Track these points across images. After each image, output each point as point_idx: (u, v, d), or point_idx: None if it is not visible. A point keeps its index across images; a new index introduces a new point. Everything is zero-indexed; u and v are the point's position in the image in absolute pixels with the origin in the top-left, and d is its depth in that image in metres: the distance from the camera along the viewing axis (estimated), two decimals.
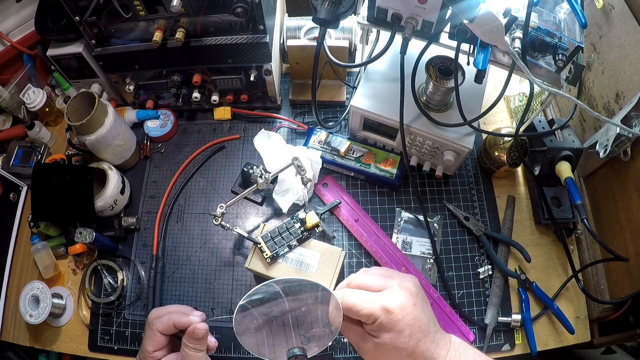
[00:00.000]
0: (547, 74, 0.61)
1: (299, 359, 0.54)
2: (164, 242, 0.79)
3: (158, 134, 0.87)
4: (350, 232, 0.78)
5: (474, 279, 0.75)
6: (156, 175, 0.86)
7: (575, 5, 0.57)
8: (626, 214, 0.68)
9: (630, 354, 0.77)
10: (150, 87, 0.85)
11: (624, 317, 0.67)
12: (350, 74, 0.94)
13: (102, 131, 0.74)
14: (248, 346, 0.58)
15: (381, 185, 0.82)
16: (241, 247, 0.79)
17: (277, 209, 0.79)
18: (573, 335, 0.72)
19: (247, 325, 0.57)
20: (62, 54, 0.79)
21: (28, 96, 0.84)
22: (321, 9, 0.60)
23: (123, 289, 0.76)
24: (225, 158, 0.87)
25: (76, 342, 0.74)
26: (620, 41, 0.66)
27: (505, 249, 0.77)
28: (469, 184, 0.83)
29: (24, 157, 0.85)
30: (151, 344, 0.55)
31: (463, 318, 0.72)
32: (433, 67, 0.67)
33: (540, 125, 0.73)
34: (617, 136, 0.64)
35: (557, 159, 0.71)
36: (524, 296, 0.72)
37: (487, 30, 0.54)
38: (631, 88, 0.64)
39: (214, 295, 0.76)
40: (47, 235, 0.80)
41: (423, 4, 0.58)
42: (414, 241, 0.78)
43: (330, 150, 0.81)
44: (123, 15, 0.69)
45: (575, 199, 0.67)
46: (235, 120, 0.91)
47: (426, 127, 0.71)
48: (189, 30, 0.73)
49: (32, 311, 0.69)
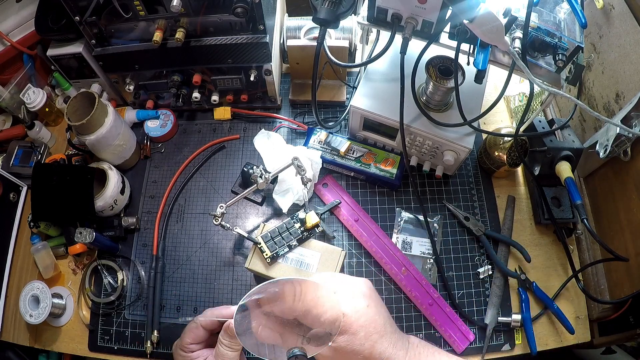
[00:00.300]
0: (547, 74, 0.61)
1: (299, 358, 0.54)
2: (164, 242, 0.79)
3: (158, 134, 0.87)
4: (350, 232, 0.78)
5: (474, 279, 0.75)
6: (156, 175, 0.86)
7: (575, 5, 0.57)
8: (626, 214, 0.68)
9: (630, 354, 0.77)
10: (150, 87, 0.85)
11: (624, 317, 0.67)
12: (350, 74, 0.94)
13: (102, 131, 0.74)
14: (248, 346, 0.58)
15: (381, 185, 0.82)
16: (241, 247, 0.79)
17: (277, 209, 0.79)
18: (573, 335, 0.72)
19: (247, 325, 0.57)
20: (62, 54, 0.79)
21: (28, 96, 0.84)
22: (321, 9, 0.60)
23: (123, 289, 0.76)
24: (225, 158, 0.87)
25: (76, 342, 0.74)
26: (620, 41, 0.66)
27: (505, 249, 0.77)
28: (469, 184, 0.83)
29: (24, 157, 0.85)
30: (190, 336, 0.54)
31: (463, 318, 0.72)
32: (433, 67, 0.67)
33: (540, 125, 0.73)
34: (617, 136, 0.64)
35: (557, 159, 0.71)
36: (524, 296, 0.72)
37: (487, 30, 0.54)
38: (631, 88, 0.64)
39: (214, 295, 0.76)
40: (47, 235, 0.80)
41: (423, 4, 0.58)
42: (414, 241, 0.78)
43: (330, 150, 0.81)
44: (123, 15, 0.69)
45: (575, 199, 0.67)
46: (235, 120, 0.91)
47: (426, 127, 0.71)
48: (189, 30, 0.73)
49: (32, 311, 0.69)
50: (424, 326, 0.72)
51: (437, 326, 0.71)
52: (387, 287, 0.75)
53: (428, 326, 0.72)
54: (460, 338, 0.70)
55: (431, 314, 0.72)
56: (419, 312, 0.73)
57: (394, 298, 0.74)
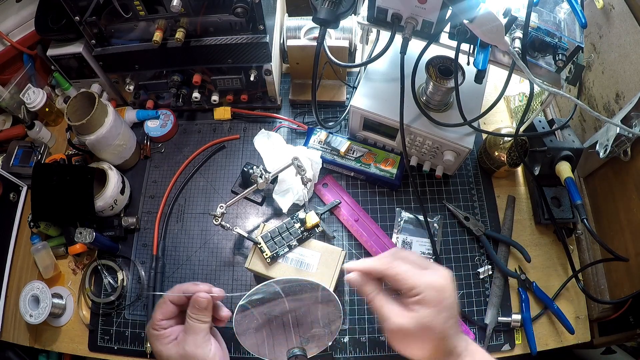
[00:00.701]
0: (547, 74, 0.61)
1: (299, 358, 0.54)
2: (164, 242, 0.79)
3: (158, 134, 0.87)
4: (350, 233, 0.78)
5: (474, 279, 0.75)
6: (156, 175, 0.86)
7: (575, 5, 0.57)
8: (626, 214, 0.68)
9: (630, 354, 0.77)
10: (150, 87, 0.85)
11: (624, 317, 0.67)
12: (350, 74, 0.94)
13: (102, 131, 0.74)
14: (248, 346, 0.58)
15: (381, 185, 0.82)
16: (241, 247, 0.79)
17: (277, 209, 0.79)
18: (573, 335, 0.72)
19: (247, 325, 0.57)
20: (62, 54, 0.79)
21: (28, 96, 0.84)
22: (321, 9, 0.60)
23: (123, 289, 0.76)
24: (225, 158, 0.87)
25: (76, 342, 0.74)
26: (620, 41, 0.66)
27: (505, 249, 0.77)
28: (469, 184, 0.83)
29: (24, 157, 0.85)
30: (160, 312, 0.55)
31: (463, 318, 0.72)
32: (433, 67, 0.67)
33: (540, 125, 0.73)
34: (617, 136, 0.64)
35: (557, 159, 0.71)
36: (524, 296, 0.72)
37: (487, 30, 0.54)
38: (631, 88, 0.64)
39: None
40: (47, 235, 0.80)
41: (423, 4, 0.58)
42: (414, 241, 0.78)
43: (330, 150, 0.81)
44: (123, 15, 0.69)
45: (575, 199, 0.67)
46: (235, 120, 0.91)
47: (426, 127, 0.71)
48: (189, 30, 0.73)
49: (32, 311, 0.69)
50: None
51: None
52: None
53: None
54: None
55: None
56: None
57: None
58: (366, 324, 0.73)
